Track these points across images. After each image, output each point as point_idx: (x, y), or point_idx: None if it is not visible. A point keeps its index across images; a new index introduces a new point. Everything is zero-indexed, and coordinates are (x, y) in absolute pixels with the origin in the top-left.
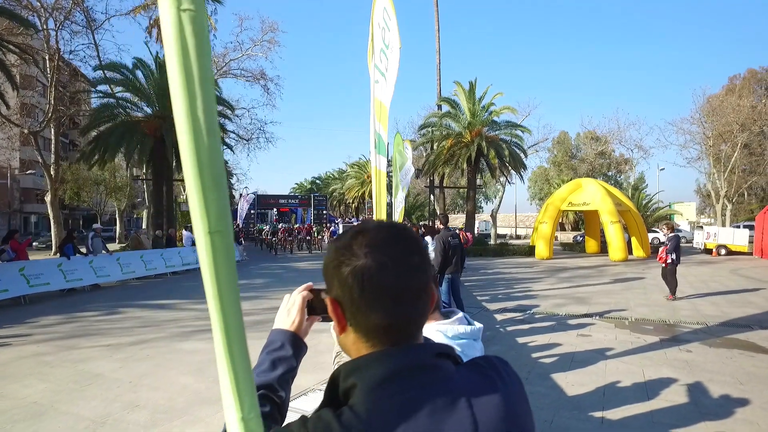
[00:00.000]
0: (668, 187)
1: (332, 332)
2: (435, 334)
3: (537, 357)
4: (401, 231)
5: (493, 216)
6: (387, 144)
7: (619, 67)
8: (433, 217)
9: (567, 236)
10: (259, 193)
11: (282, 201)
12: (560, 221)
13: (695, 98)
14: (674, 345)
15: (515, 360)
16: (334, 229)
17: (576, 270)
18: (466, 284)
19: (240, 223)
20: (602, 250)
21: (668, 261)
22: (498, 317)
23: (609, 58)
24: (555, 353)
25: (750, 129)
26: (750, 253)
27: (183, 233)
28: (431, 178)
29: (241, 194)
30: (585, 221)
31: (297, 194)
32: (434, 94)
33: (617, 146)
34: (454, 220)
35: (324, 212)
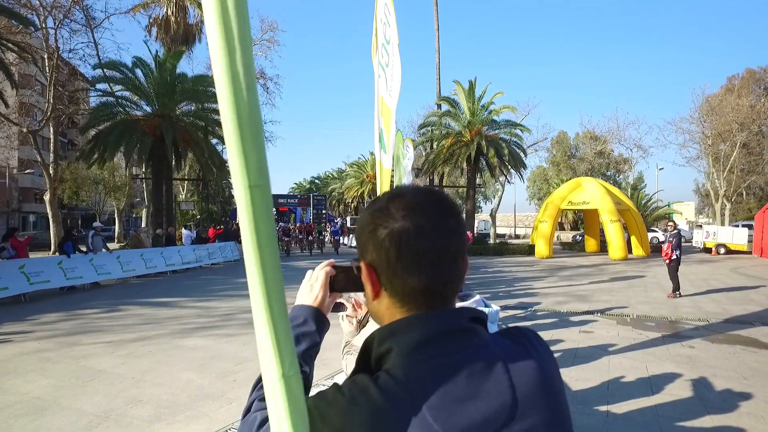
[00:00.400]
0: (667, 187)
1: (342, 323)
2: None
3: None
4: (438, 194)
5: (493, 215)
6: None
7: (619, 67)
8: None
9: (566, 236)
10: None
11: (281, 200)
12: (560, 221)
13: (694, 97)
14: (677, 341)
15: None
16: (335, 229)
17: (576, 268)
18: (467, 282)
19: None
20: (602, 249)
21: (673, 257)
22: (500, 315)
23: (608, 58)
24: (558, 349)
25: (749, 128)
26: (749, 252)
27: (182, 232)
28: (431, 178)
29: None
30: (584, 220)
31: (296, 194)
32: (434, 94)
33: (616, 146)
34: None
35: (323, 212)
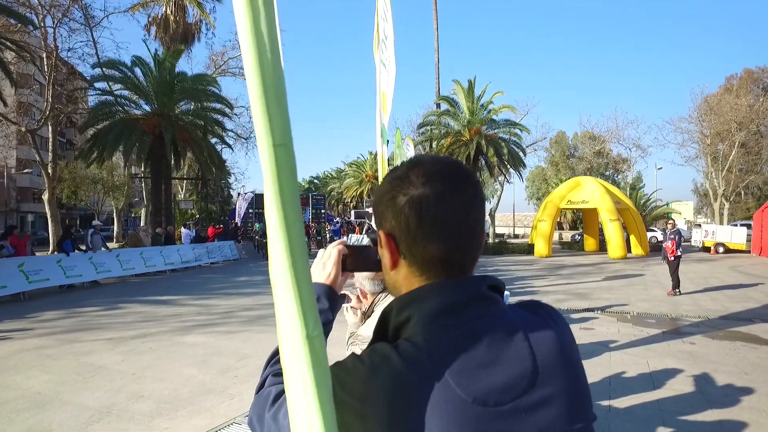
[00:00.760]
0: (666, 187)
1: (347, 314)
2: None
3: None
4: (457, 163)
5: (492, 215)
6: (389, 135)
7: (618, 67)
8: None
9: (565, 235)
10: (257, 193)
11: None
12: (558, 221)
13: (693, 97)
14: (677, 337)
15: None
16: (335, 228)
17: (576, 267)
18: None
19: (239, 222)
20: (601, 249)
21: (677, 254)
22: None
23: (608, 59)
24: None
25: (747, 128)
26: (748, 251)
27: (182, 231)
28: None
29: (240, 193)
30: (583, 220)
31: None
32: (433, 93)
33: (615, 145)
34: None
35: (322, 211)
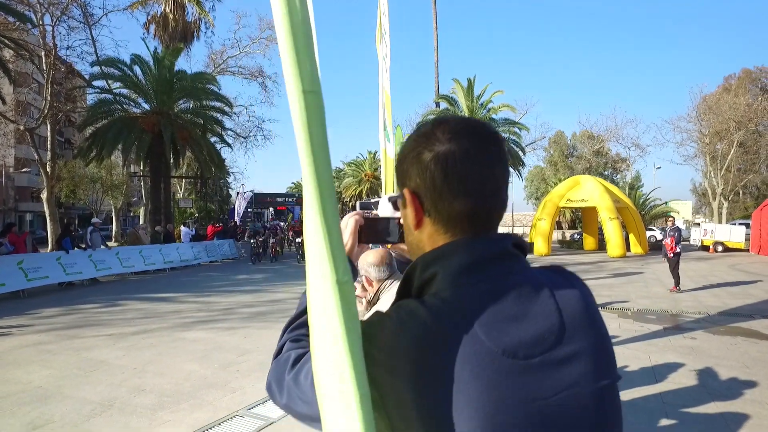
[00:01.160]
0: (664, 186)
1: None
2: None
3: None
4: (482, 122)
5: None
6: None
7: (617, 67)
8: None
9: (564, 235)
10: (257, 192)
11: (279, 199)
12: (557, 220)
13: (692, 96)
14: (678, 333)
15: None
16: None
17: (575, 266)
18: None
19: (237, 221)
20: (600, 248)
21: (677, 251)
22: None
23: (607, 58)
24: None
25: (746, 127)
26: (746, 250)
27: (181, 229)
28: None
29: (239, 192)
30: (582, 219)
31: (294, 192)
32: (432, 92)
33: (615, 144)
34: None
35: None
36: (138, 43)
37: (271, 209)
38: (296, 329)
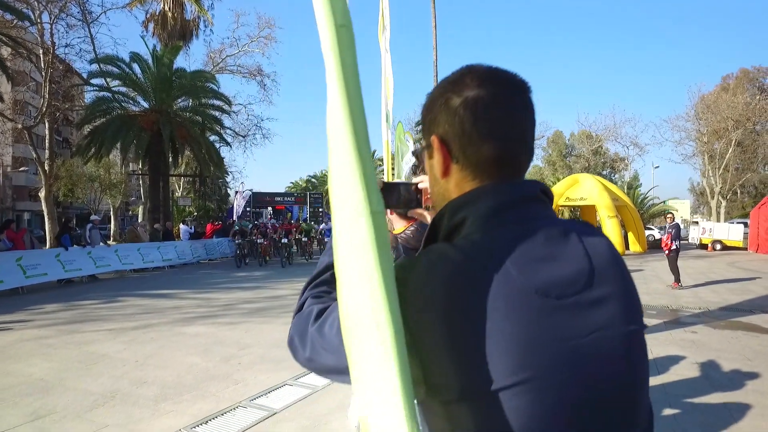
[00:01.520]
0: (662, 185)
1: None
2: None
3: None
4: (509, 71)
5: None
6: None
7: (617, 66)
8: None
9: None
10: (255, 191)
11: (278, 199)
12: None
13: (690, 95)
14: (679, 327)
15: None
16: (328, 228)
17: None
18: None
19: (236, 220)
20: None
21: (672, 248)
22: None
23: (606, 57)
24: None
25: (744, 125)
26: (745, 248)
27: (181, 227)
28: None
29: (237, 191)
30: (581, 217)
31: (293, 192)
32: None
33: (613, 144)
34: None
35: (320, 209)
36: (137, 42)
37: (270, 208)
38: (317, 287)
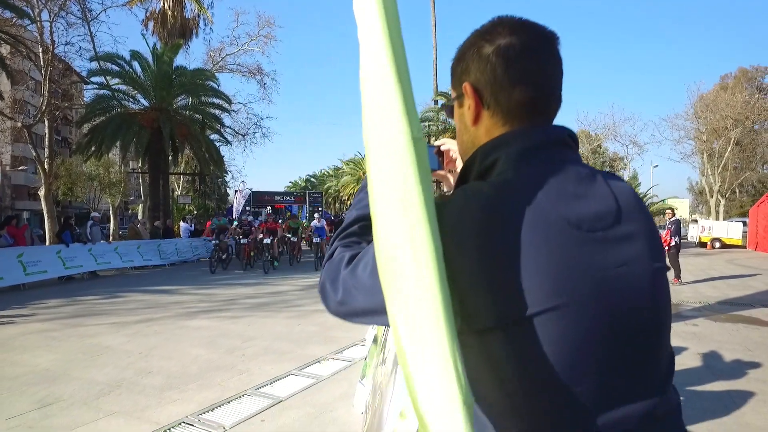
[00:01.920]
0: (661, 184)
1: None
2: None
3: None
4: (538, 23)
5: None
6: None
7: (616, 65)
8: None
9: None
10: (255, 191)
11: (277, 198)
12: None
13: (689, 94)
14: (680, 320)
15: None
16: (318, 226)
17: None
18: None
19: (235, 219)
20: None
21: (672, 243)
22: None
23: (605, 56)
24: None
25: (743, 124)
26: (744, 246)
27: (181, 225)
28: None
29: (237, 190)
30: None
31: (292, 191)
32: (431, 89)
33: (612, 143)
34: None
35: (320, 208)
36: (136, 40)
37: (268, 208)
38: (347, 237)
